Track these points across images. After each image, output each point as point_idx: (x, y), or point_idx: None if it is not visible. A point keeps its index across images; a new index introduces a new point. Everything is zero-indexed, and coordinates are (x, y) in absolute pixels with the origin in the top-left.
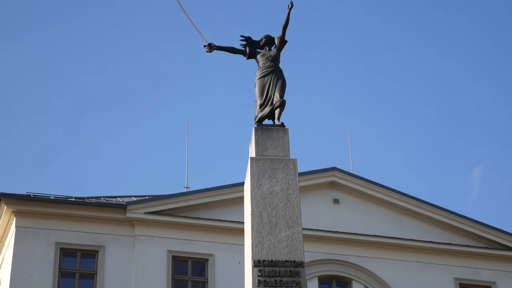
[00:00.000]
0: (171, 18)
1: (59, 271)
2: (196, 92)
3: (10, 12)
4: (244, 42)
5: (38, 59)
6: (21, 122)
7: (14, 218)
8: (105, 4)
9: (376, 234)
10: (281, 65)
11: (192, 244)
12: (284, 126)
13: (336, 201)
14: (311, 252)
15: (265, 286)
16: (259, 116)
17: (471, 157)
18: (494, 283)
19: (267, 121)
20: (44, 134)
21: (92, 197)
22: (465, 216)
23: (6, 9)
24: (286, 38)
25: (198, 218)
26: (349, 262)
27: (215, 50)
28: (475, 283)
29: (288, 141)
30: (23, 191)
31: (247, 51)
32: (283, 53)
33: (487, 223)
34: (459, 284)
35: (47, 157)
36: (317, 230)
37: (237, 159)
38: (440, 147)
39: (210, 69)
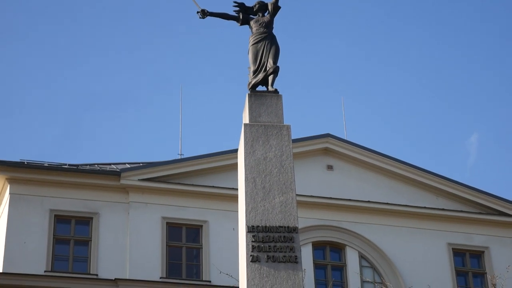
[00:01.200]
0: None
1: (53, 237)
2: (189, 59)
3: (12, 12)
4: (237, 8)
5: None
6: (16, 89)
7: (8, 185)
8: None
9: (370, 200)
10: (275, 32)
11: (186, 210)
12: (278, 92)
13: (330, 167)
14: (305, 218)
15: (259, 252)
16: (253, 82)
17: (469, 123)
18: (487, 248)
19: (261, 88)
20: (39, 102)
21: (86, 164)
22: (458, 182)
23: (9, 9)
24: (279, 4)
25: (192, 185)
26: (343, 228)
27: (208, 17)
28: (468, 248)
29: (282, 107)
30: (16, 158)
31: (241, 17)
32: (277, 20)
33: (484, 189)
34: (452, 249)
35: (41, 124)
36: (311, 196)
37: (231, 126)
38: (437, 113)
39: (204, 36)
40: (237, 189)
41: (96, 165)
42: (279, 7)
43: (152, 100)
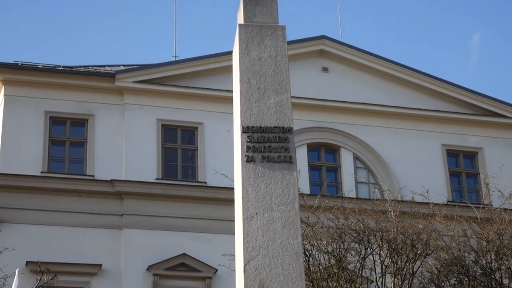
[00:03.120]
0: None
1: (49, 139)
2: None
3: None
4: None
5: None
6: None
7: (3, 87)
8: None
9: (365, 102)
10: None
11: (182, 112)
12: None
13: (325, 69)
14: (300, 120)
15: (254, 152)
16: None
17: (471, 22)
18: (480, 148)
19: None
20: (32, 1)
21: (81, 66)
22: (453, 83)
23: None
24: None
25: (187, 87)
26: (338, 130)
27: None
28: (462, 149)
29: (277, 7)
30: (10, 60)
31: None
32: None
33: (485, 91)
34: (446, 150)
35: (36, 26)
36: (306, 98)
37: (226, 28)
38: (438, 12)
39: None
40: (232, 90)
41: (90, 67)
42: None
43: (146, 1)
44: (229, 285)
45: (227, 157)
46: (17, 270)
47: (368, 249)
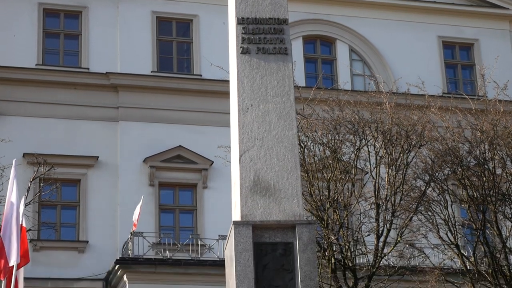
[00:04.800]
0: None
1: (43, 31)
2: None
3: None
4: None
5: None
6: None
7: None
8: None
9: None
10: None
11: (176, 4)
12: None
13: None
14: (295, 12)
15: (249, 43)
16: None
17: None
18: (477, 40)
19: None
20: None
21: None
22: None
23: None
24: None
25: None
26: (334, 22)
27: None
28: (458, 41)
29: None
30: None
31: None
32: None
33: None
34: (442, 42)
35: None
36: None
37: None
38: None
39: None
40: None
41: None
42: None
43: None
44: (225, 176)
45: (223, 50)
46: (14, 161)
47: (363, 140)
